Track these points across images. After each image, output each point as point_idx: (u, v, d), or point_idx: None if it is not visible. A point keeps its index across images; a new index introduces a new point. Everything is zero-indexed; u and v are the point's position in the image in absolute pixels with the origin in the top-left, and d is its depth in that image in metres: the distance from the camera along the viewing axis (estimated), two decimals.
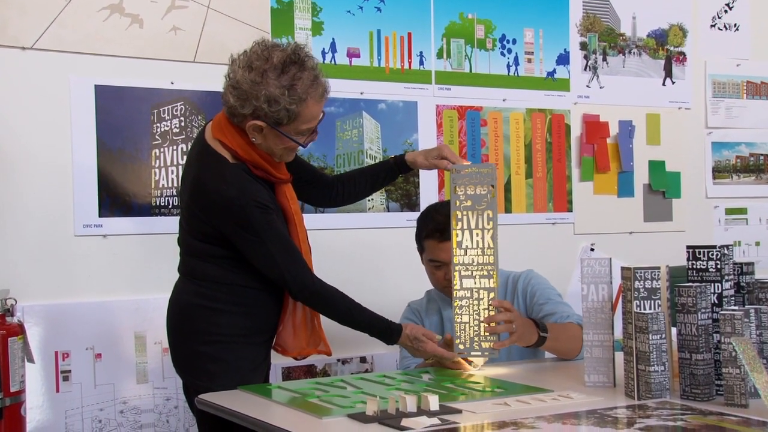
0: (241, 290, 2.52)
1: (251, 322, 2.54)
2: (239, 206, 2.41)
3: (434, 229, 2.84)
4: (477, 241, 2.57)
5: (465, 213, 2.57)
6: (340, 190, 2.88)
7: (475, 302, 2.55)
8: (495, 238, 2.56)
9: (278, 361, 3.05)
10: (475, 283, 2.56)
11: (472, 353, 2.55)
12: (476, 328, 2.54)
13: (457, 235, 2.58)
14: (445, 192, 3.84)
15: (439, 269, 2.88)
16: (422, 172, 3.80)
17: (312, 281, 2.50)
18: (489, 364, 2.67)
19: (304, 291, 2.49)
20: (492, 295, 2.55)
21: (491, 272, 2.55)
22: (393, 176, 2.89)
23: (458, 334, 2.56)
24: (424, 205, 3.77)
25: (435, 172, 3.81)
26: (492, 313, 2.53)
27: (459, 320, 2.56)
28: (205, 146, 2.50)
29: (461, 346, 2.56)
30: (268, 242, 2.44)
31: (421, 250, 2.97)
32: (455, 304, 2.57)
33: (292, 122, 2.42)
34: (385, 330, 2.59)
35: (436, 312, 3.03)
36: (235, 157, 2.46)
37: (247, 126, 2.42)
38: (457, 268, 2.57)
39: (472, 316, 2.55)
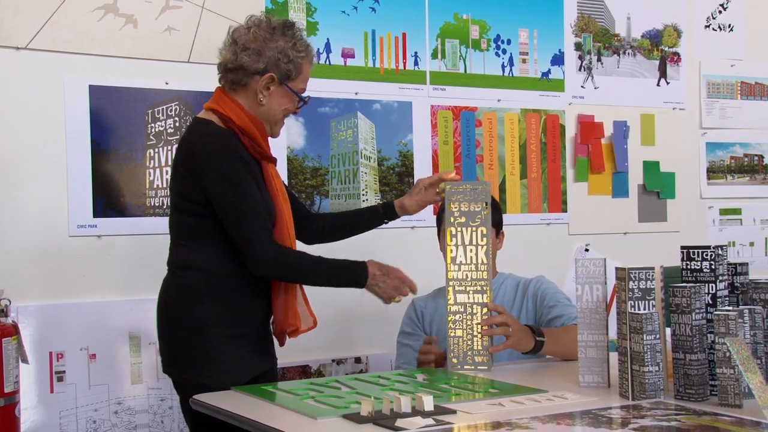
0: (217, 279, 2.51)
1: (228, 313, 2.51)
2: (221, 155, 2.46)
3: None
4: (471, 257, 2.59)
5: (459, 229, 2.60)
6: (320, 224, 2.88)
7: (469, 317, 2.58)
8: (488, 254, 2.59)
9: None
10: (468, 298, 2.59)
11: (465, 367, 2.57)
12: (469, 343, 2.57)
13: (451, 251, 2.61)
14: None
15: None
16: (418, 172, 3.80)
17: (271, 246, 2.48)
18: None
19: (265, 256, 2.47)
20: (485, 310, 2.57)
21: (484, 288, 2.58)
22: (378, 221, 2.87)
23: (452, 348, 2.59)
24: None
25: (430, 173, 3.81)
26: (485, 328, 2.55)
27: (452, 335, 2.58)
28: (195, 119, 2.61)
29: (454, 360, 2.58)
30: (241, 197, 2.45)
31: (440, 223, 2.98)
32: (449, 319, 2.59)
33: (296, 78, 2.57)
34: (352, 280, 2.59)
35: (443, 303, 3.06)
36: (224, 124, 2.53)
37: (259, 83, 2.53)
38: (451, 283, 2.60)
39: (465, 331, 2.57)
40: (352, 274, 2.58)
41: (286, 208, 2.61)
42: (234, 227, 2.47)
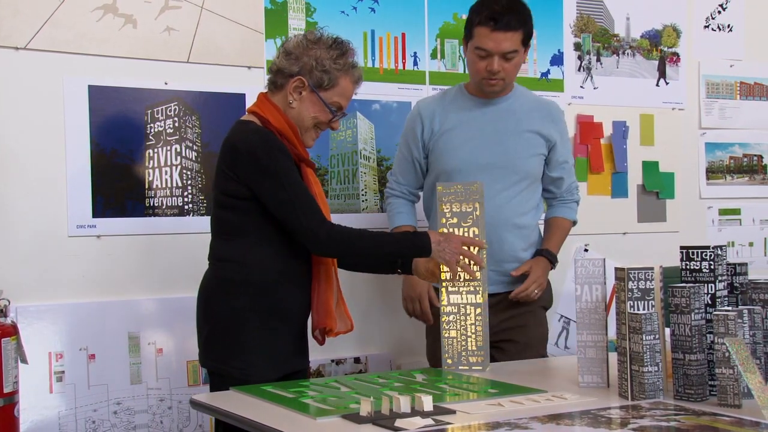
0: (252, 270, 2.53)
1: (262, 305, 2.54)
2: (264, 149, 2.52)
3: (489, 17, 2.88)
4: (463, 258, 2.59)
5: (451, 230, 2.60)
6: None
7: (462, 318, 2.58)
8: (481, 255, 2.58)
9: None
10: (461, 299, 2.60)
11: (460, 367, 2.58)
12: (464, 343, 2.58)
13: None
14: None
15: (483, 59, 2.97)
16: None
17: (325, 225, 2.52)
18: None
19: (320, 234, 2.50)
20: (479, 310, 2.57)
21: (477, 288, 2.58)
22: (393, 269, 2.75)
23: (446, 348, 2.59)
24: (418, 205, 3.76)
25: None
26: (479, 328, 2.57)
27: (447, 335, 2.58)
28: (236, 121, 2.68)
29: (449, 360, 2.58)
30: (287, 186, 2.50)
31: (469, 37, 2.97)
32: (442, 320, 2.59)
33: (330, 89, 2.62)
34: (418, 247, 2.59)
35: (457, 110, 3.17)
36: (263, 125, 2.59)
37: (290, 84, 2.60)
38: (444, 284, 2.60)
39: (459, 332, 2.58)
40: (417, 241, 2.59)
41: (326, 213, 2.62)
42: (285, 215, 2.51)
